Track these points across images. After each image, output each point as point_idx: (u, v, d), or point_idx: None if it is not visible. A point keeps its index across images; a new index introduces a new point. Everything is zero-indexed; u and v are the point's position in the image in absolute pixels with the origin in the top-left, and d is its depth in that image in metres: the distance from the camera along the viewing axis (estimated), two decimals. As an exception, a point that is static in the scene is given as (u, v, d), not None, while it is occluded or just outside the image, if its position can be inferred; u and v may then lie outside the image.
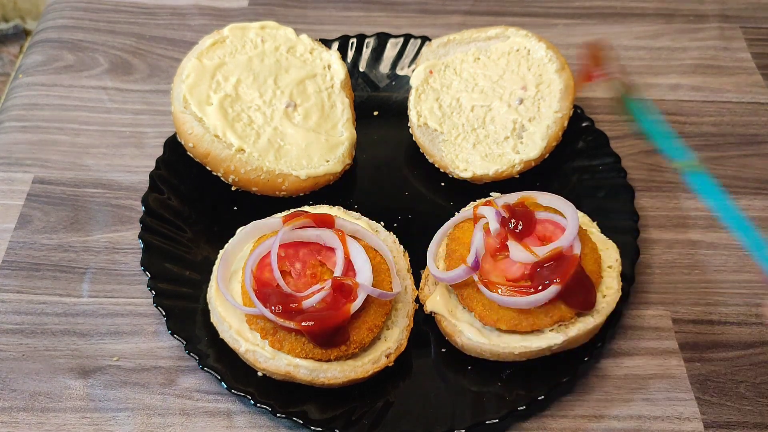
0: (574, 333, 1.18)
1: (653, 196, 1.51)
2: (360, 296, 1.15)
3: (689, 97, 1.70)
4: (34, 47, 1.77)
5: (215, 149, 1.38)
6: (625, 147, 1.59)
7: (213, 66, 1.45)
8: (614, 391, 1.25)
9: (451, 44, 1.56)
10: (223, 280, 1.21)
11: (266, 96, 1.46)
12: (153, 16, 1.83)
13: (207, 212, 1.43)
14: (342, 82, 1.50)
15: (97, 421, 1.20)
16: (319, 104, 1.48)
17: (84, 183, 1.49)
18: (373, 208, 1.43)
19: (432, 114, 1.50)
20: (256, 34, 1.51)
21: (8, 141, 1.57)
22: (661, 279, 1.39)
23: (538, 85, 1.49)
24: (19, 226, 1.42)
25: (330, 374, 1.16)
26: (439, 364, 1.25)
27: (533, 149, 1.44)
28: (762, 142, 1.62)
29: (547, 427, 1.21)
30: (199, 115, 1.40)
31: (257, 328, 1.17)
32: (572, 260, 1.18)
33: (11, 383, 1.23)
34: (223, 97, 1.43)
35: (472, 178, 1.45)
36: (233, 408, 1.22)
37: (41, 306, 1.32)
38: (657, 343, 1.30)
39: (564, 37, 1.81)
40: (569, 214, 1.23)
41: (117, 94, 1.66)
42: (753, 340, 1.32)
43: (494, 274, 1.20)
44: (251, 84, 1.46)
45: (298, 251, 1.22)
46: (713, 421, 1.22)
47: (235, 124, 1.41)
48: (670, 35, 1.84)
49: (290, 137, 1.43)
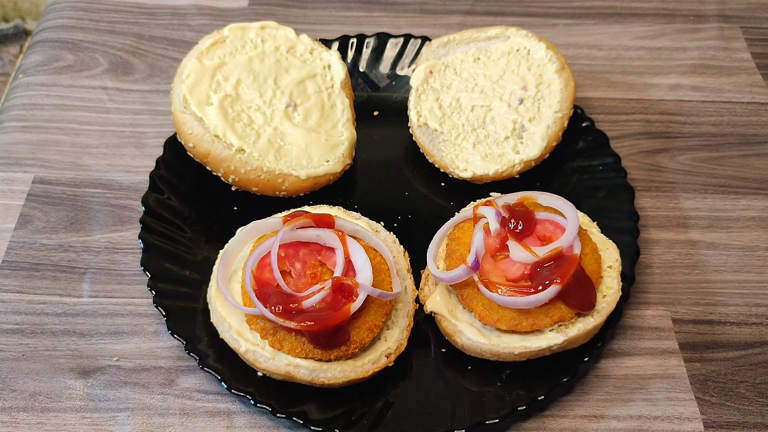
0: (574, 333, 1.18)
1: (653, 196, 1.51)
2: (360, 296, 1.15)
3: (689, 97, 1.70)
4: (34, 47, 1.77)
5: (215, 149, 1.38)
6: (625, 147, 1.59)
7: (213, 66, 1.45)
8: (614, 391, 1.25)
9: (451, 44, 1.56)
10: (223, 280, 1.21)
11: (266, 96, 1.46)
12: (153, 16, 1.83)
13: (207, 212, 1.43)
14: (342, 82, 1.50)
15: (97, 421, 1.20)
16: (319, 104, 1.48)
17: (84, 183, 1.49)
18: (373, 208, 1.43)
19: (432, 114, 1.50)
20: (256, 34, 1.51)
21: (8, 141, 1.56)
22: (661, 279, 1.39)
23: (538, 85, 1.49)
24: (19, 226, 1.42)
25: (330, 374, 1.16)
26: (439, 364, 1.25)
27: (533, 149, 1.44)
28: (762, 142, 1.62)
29: (547, 427, 1.21)
30: (199, 115, 1.40)
31: (257, 328, 1.17)
32: (572, 260, 1.18)
33: (11, 383, 1.23)
34: (223, 97, 1.43)
35: (472, 178, 1.45)
36: (233, 408, 1.22)
37: (41, 306, 1.32)
38: (657, 343, 1.31)
39: (564, 37, 1.81)
40: (569, 214, 1.23)
41: (117, 94, 1.66)
42: (753, 340, 1.32)
43: (494, 274, 1.20)
44: (251, 84, 1.46)
45: (298, 251, 1.22)
46: (713, 421, 1.22)
47: (235, 124, 1.41)
48: (670, 35, 1.83)
49: (290, 137, 1.43)
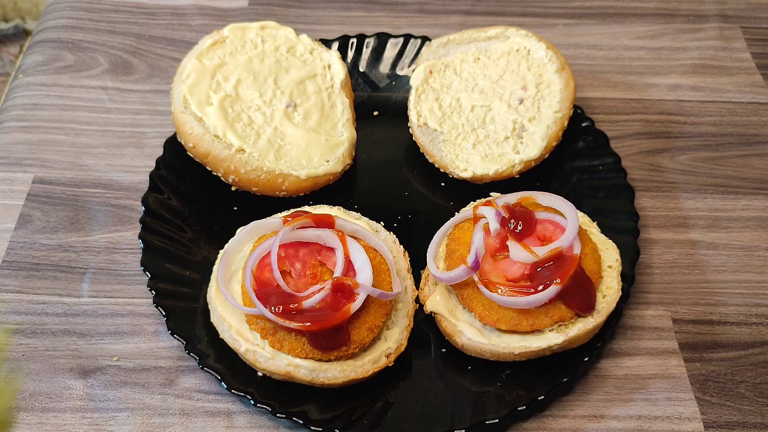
0: (574, 333, 1.18)
1: (653, 196, 1.51)
2: (360, 296, 1.15)
3: (689, 97, 1.70)
4: (34, 47, 1.77)
5: (215, 149, 1.38)
6: (625, 147, 1.59)
7: (213, 66, 1.45)
8: (614, 391, 1.25)
9: (451, 44, 1.56)
10: (223, 280, 1.21)
11: (266, 96, 1.46)
12: (153, 16, 1.83)
13: (207, 212, 1.43)
14: (342, 82, 1.50)
15: (97, 421, 1.20)
16: (319, 104, 1.48)
17: (84, 183, 1.49)
18: (373, 208, 1.43)
19: (432, 114, 1.50)
20: (256, 34, 1.51)
21: (8, 141, 1.56)
22: (661, 279, 1.39)
23: (538, 85, 1.49)
24: (19, 226, 1.42)
25: (330, 374, 1.16)
26: (439, 364, 1.25)
27: (533, 149, 1.44)
28: (762, 142, 1.62)
29: (547, 427, 1.21)
30: (199, 116, 1.40)
31: (257, 328, 1.17)
32: (572, 260, 1.18)
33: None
34: (223, 97, 1.42)
35: (472, 178, 1.45)
36: (233, 408, 1.22)
37: (41, 306, 1.32)
38: (657, 343, 1.30)
39: (564, 37, 1.81)
40: (569, 214, 1.23)
41: (117, 94, 1.66)
42: (753, 340, 1.32)
43: (494, 274, 1.20)
44: (251, 84, 1.46)
45: (298, 251, 1.22)
46: (713, 421, 1.22)
47: (235, 124, 1.41)
48: (670, 35, 1.83)
49: (290, 137, 1.43)
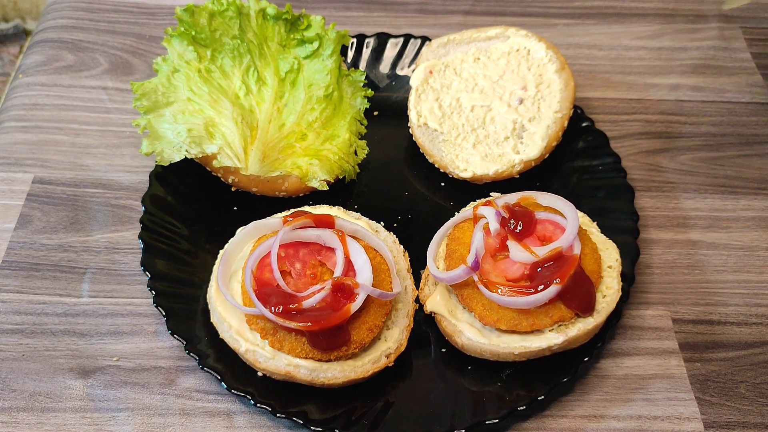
0: (574, 333, 1.18)
1: (653, 196, 1.51)
2: (360, 296, 1.15)
3: (689, 97, 1.70)
4: (34, 47, 1.77)
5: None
6: (625, 147, 1.59)
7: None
8: (614, 391, 1.25)
9: (451, 44, 1.56)
10: (223, 280, 1.21)
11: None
12: (153, 16, 1.83)
13: (207, 212, 1.43)
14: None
15: (97, 421, 1.20)
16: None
17: (84, 183, 1.49)
18: (373, 208, 1.43)
19: (432, 114, 1.50)
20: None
21: (8, 141, 1.56)
22: (661, 279, 1.39)
23: (538, 85, 1.49)
24: (19, 226, 1.42)
25: (330, 374, 1.16)
26: (439, 364, 1.25)
27: (533, 149, 1.44)
28: (762, 142, 1.62)
29: (547, 427, 1.21)
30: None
31: (257, 328, 1.17)
32: (572, 260, 1.17)
33: (11, 383, 1.23)
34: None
35: (472, 178, 1.45)
36: (233, 408, 1.22)
37: (41, 306, 1.32)
38: (657, 343, 1.31)
39: (564, 37, 1.81)
40: (569, 214, 1.23)
41: (117, 94, 1.66)
42: (753, 340, 1.32)
43: (494, 274, 1.20)
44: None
45: (298, 251, 1.22)
46: (713, 421, 1.22)
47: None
48: (670, 35, 1.83)
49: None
